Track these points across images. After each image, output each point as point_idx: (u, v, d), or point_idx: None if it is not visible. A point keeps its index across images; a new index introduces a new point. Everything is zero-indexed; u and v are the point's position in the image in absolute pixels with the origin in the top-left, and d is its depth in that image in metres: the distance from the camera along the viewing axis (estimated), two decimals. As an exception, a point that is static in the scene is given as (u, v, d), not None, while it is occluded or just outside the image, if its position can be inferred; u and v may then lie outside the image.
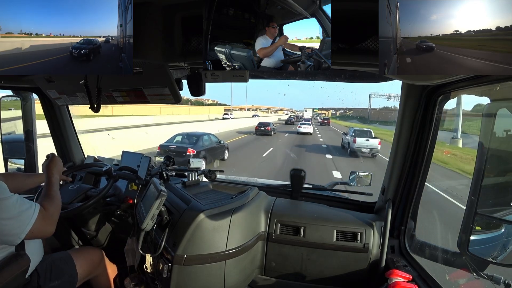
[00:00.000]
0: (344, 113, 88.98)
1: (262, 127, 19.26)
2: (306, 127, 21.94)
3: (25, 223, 0.98)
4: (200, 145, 8.25)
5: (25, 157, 1.86)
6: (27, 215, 0.99)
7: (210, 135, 9.25)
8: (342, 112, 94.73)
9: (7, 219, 0.96)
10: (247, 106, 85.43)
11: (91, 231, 1.64)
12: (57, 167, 1.25)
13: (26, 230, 0.98)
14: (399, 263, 1.19)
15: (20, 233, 0.98)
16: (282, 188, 1.64)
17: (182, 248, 1.11)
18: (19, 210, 0.98)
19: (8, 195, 0.98)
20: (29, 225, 0.98)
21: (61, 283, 1.22)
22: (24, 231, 0.98)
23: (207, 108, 53.91)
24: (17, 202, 0.98)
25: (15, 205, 0.98)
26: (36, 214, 1.01)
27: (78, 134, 2.00)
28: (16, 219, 0.97)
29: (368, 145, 11.36)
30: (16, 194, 1.01)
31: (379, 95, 47.94)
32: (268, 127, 19.18)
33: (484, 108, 0.94)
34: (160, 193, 1.08)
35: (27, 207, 1.00)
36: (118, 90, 1.27)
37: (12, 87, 1.73)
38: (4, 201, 0.96)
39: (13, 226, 0.97)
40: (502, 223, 0.96)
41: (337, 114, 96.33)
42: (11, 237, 0.98)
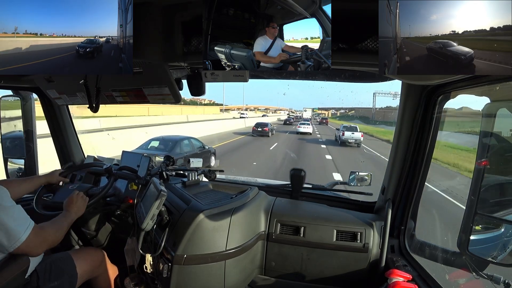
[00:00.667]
0: (345, 113, 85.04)
1: (259, 127, 18.55)
2: (305, 127, 22.10)
3: (15, 239, 0.99)
4: (177, 152, 6.89)
5: (25, 157, 1.86)
6: (18, 231, 1.00)
7: (191, 139, 7.88)
8: (343, 112, 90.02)
9: (1, 230, 0.97)
10: (244, 105, 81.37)
11: (91, 231, 1.64)
12: (77, 207, 1.28)
13: (15, 246, 1.00)
14: (399, 263, 1.20)
15: (8, 247, 0.99)
16: (282, 188, 1.64)
17: (182, 248, 1.11)
18: (12, 224, 0.99)
19: (9, 204, 1.01)
20: (18, 242, 1.00)
21: (60, 284, 1.22)
22: (12, 246, 1.00)
23: (201, 108, 51.06)
24: (14, 216, 1.00)
25: (11, 218, 0.99)
26: (28, 233, 1.02)
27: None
28: (7, 232, 0.98)
29: (353, 137, 14.92)
30: (18, 206, 1.03)
31: (384, 94, 46.34)
32: (266, 127, 18.49)
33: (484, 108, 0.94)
34: (160, 193, 1.08)
35: (22, 223, 1.02)
36: (118, 90, 1.27)
37: (12, 87, 1.73)
38: (4, 210, 0.98)
39: (2, 238, 0.98)
40: (502, 223, 0.96)
41: (338, 114, 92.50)
42: (0, 247, 0.99)
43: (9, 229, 0.98)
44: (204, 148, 8.07)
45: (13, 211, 1.01)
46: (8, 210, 0.99)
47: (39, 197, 1.44)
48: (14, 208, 1.01)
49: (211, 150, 8.38)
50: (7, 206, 1.00)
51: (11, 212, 1.00)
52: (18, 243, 1.00)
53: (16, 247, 1.00)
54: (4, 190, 1.00)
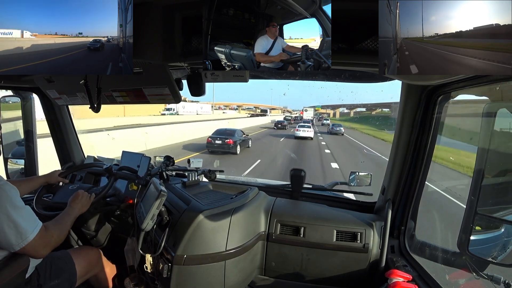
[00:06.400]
0: (364, 113, 55.86)
1: (219, 138, 10.93)
2: (305, 131, 18.16)
3: (23, 237, 1.01)
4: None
5: (25, 157, 1.87)
6: (28, 230, 1.02)
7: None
8: (360, 111, 59.92)
9: (9, 227, 0.99)
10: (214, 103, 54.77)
11: (90, 231, 1.64)
12: (82, 204, 1.29)
13: (22, 244, 1.01)
14: (399, 263, 1.19)
15: (15, 245, 1.01)
16: (282, 188, 1.64)
17: (182, 248, 1.11)
18: (23, 224, 1.01)
19: (21, 204, 1.03)
20: (26, 241, 1.01)
21: (60, 282, 1.22)
22: (19, 245, 1.01)
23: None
24: (24, 216, 1.02)
25: (22, 217, 1.01)
26: (36, 232, 1.04)
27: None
28: (17, 230, 1.00)
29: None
30: (27, 206, 1.05)
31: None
32: (230, 139, 10.92)
33: (484, 108, 0.94)
34: (160, 193, 1.08)
35: (31, 223, 1.04)
36: (118, 90, 1.27)
37: (12, 87, 1.73)
38: (16, 210, 1.00)
39: (11, 236, 1.00)
40: (502, 223, 0.96)
41: (351, 114, 61.66)
42: (6, 244, 1.01)
43: (19, 227, 1.00)
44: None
45: (24, 211, 1.03)
46: (20, 210, 1.01)
47: (39, 197, 1.44)
48: (25, 209, 1.04)
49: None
50: (19, 206, 1.02)
51: (22, 212, 1.02)
52: (25, 242, 1.01)
53: (22, 246, 1.01)
54: (16, 189, 1.02)
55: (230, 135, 11.19)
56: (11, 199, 0.99)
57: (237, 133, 11.65)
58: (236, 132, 11.66)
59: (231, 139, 10.96)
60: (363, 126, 30.80)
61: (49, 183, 1.48)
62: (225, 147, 10.76)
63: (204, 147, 11.07)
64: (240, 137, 11.68)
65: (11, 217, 0.98)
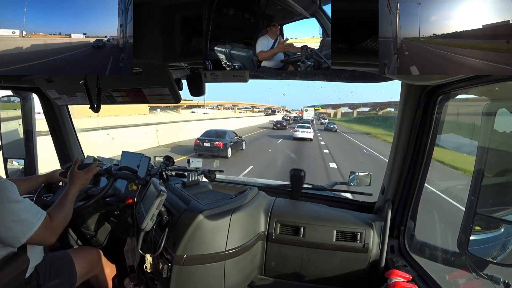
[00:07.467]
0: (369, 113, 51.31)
1: (207, 141, 9.99)
2: (304, 131, 17.37)
3: (28, 228, 1.01)
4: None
5: (25, 157, 1.86)
6: (32, 222, 1.02)
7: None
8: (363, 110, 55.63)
9: (13, 222, 0.99)
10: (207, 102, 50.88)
11: (90, 231, 1.64)
12: (81, 181, 1.28)
13: (28, 235, 1.01)
14: (398, 263, 1.19)
15: (21, 238, 1.01)
16: (282, 188, 1.64)
17: (182, 248, 1.11)
18: (25, 216, 1.01)
19: (20, 198, 1.02)
20: (31, 231, 1.01)
21: (60, 282, 1.22)
22: (25, 236, 1.01)
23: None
24: (26, 207, 1.02)
25: (23, 209, 1.01)
26: (40, 222, 1.04)
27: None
28: (21, 223, 1.00)
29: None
30: (27, 199, 1.05)
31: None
32: (219, 141, 10.00)
33: (484, 108, 0.94)
34: (160, 193, 1.08)
35: (34, 213, 1.04)
36: (118, 90, 1.27)
37: (12, 87, 1.73)
38: (16, 204, 1.00)
39: (17, 230, 1.00)
40: (501, 223, 0.96)
41: (355, 114, 57.79)
42: (12, 239, 1.00)
43: (23, 219, 1.00)
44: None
45: (25, 203, 1.03)
46: (20, 203, 1.01)
47: (39, 196, 1.43)
48: (25, 201, 1.03)
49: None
50: (20, 200, 1.02)
51: (23, 204, 1.02)
52: (31, 232, 1.01)
53: (29, 236, 1.01)
54: (13, 185, 1.02)
55: (220, 137, 10.16)
56: (10, 194, 0.99)
57: (228, 135, 10.55)
58: (227, 134, 10.56)
59: (221, 142, 9.99)
60: (377, 130, 25.18)
61: (49, 182, 1.47)
62: (214, 150, 9.73)
63: (192, 150, 9.99)
64: (231, 139, 10.59)
65: (13, 211, 0.98)
